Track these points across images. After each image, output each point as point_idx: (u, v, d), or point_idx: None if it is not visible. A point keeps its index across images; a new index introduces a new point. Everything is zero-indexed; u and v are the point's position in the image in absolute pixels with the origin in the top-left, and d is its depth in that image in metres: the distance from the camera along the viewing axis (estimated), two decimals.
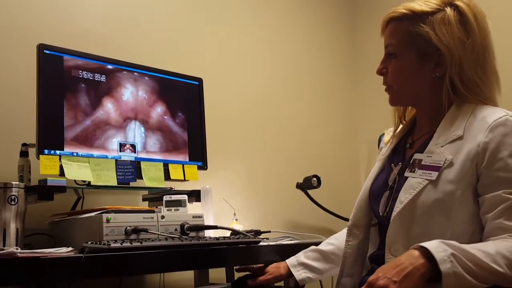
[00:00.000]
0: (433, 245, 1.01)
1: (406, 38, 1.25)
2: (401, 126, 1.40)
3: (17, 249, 1.25)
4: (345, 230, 1.48)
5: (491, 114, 1.15)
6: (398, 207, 1.17)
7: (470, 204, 1.13)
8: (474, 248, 1.03)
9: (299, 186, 2.40)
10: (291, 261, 1.46)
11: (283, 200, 2.54)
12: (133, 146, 1.82)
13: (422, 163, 1.19)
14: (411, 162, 1.22)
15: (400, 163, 1.29)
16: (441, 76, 1.23)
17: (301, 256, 1.47)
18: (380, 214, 1.27)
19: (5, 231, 1.41)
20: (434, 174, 1.15)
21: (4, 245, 1.39)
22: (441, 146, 1.18)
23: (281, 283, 1.51)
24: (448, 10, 1.22)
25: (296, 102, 2.75)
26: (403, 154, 1.32)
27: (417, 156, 1.22)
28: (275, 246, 1.68)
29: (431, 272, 0.99)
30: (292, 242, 1.86)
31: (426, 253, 1.00)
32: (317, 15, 2.96)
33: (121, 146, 1.79)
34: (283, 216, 2.55)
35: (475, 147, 1.13)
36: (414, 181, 1.17)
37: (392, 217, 1.18)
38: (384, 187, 1.29)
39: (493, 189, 1.10)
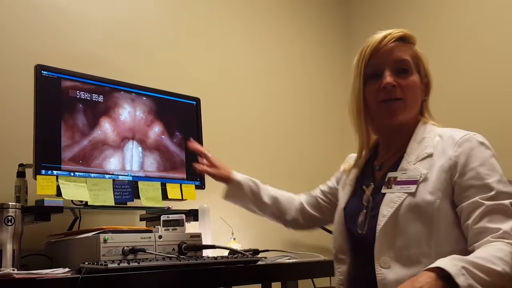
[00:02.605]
0: (445, 262, 1.04)
1: (415, 58, 1.36)
2: (363, 152, 1.45)
3: (13, 270, 1.24)
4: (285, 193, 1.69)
5: (456, 133, 1.27)
6: (381, 221, 1.22)
7: (451, 213, 1.20)
8: (474, 258, 1.07)
9: None
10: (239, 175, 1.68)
11: None
12: (130, 166, 1.81)
13: (398, 179, 1.26)
14: (386, 180, 1.28)
15: (371, 184, 1.34)
16: (423, 99, 1.37)
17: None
18: (359, 232, 1.30)
19: (2, 252, 1.40)
20: (413, 187, 1.22)
21: (0, 266, 1.38)
22: (414, 164, 1.26)
23: None
24: None
25: (293, 120, 2.76)
26: (372, 176, 1.38)
27: (391, 174, 1.29)
28: (273, 265, 1.67)
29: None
30: (291, 261, 1.85)
31: (439, 271, 1.03)
32: (313, 35, 2.99)
33: (119, 166, 1.79)
34: (281, 235, 2.52)
35: (447, 160, 1.23)
36: (394, 196, 1.24)
37: (377, 232, 1.23)
38: (359, 207, 1.33)
39: (469, 197, 1.18)
